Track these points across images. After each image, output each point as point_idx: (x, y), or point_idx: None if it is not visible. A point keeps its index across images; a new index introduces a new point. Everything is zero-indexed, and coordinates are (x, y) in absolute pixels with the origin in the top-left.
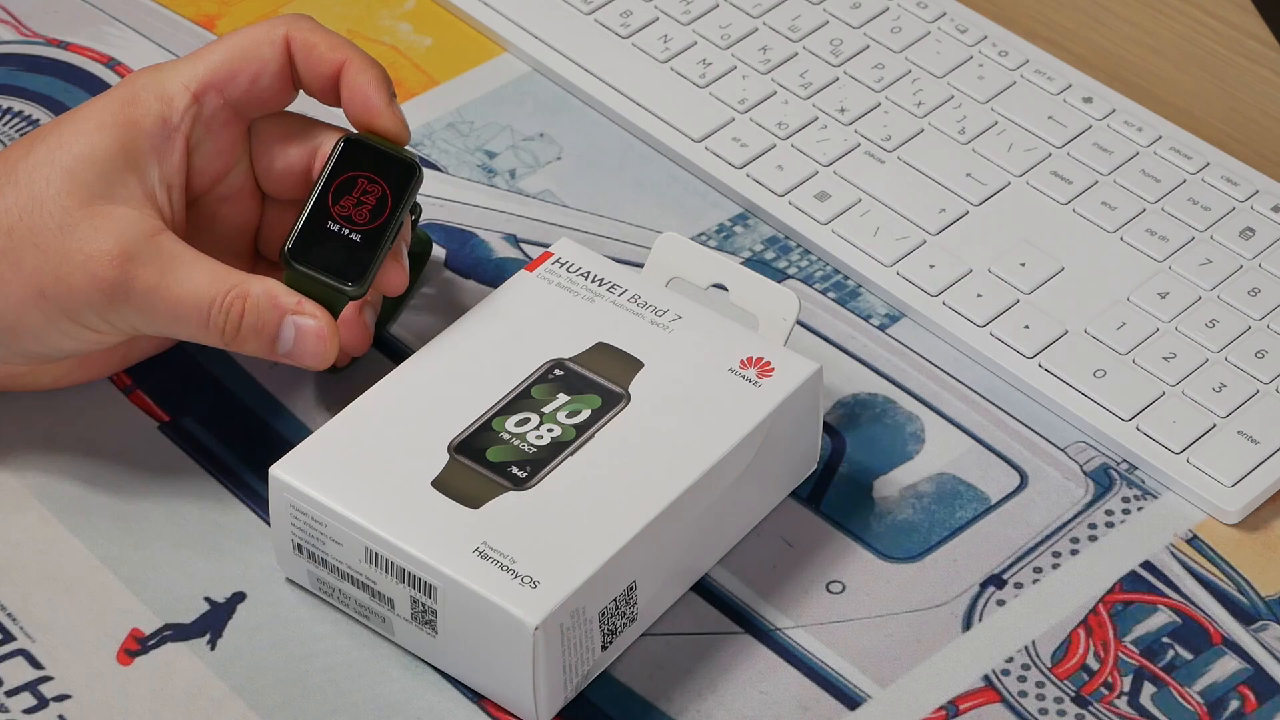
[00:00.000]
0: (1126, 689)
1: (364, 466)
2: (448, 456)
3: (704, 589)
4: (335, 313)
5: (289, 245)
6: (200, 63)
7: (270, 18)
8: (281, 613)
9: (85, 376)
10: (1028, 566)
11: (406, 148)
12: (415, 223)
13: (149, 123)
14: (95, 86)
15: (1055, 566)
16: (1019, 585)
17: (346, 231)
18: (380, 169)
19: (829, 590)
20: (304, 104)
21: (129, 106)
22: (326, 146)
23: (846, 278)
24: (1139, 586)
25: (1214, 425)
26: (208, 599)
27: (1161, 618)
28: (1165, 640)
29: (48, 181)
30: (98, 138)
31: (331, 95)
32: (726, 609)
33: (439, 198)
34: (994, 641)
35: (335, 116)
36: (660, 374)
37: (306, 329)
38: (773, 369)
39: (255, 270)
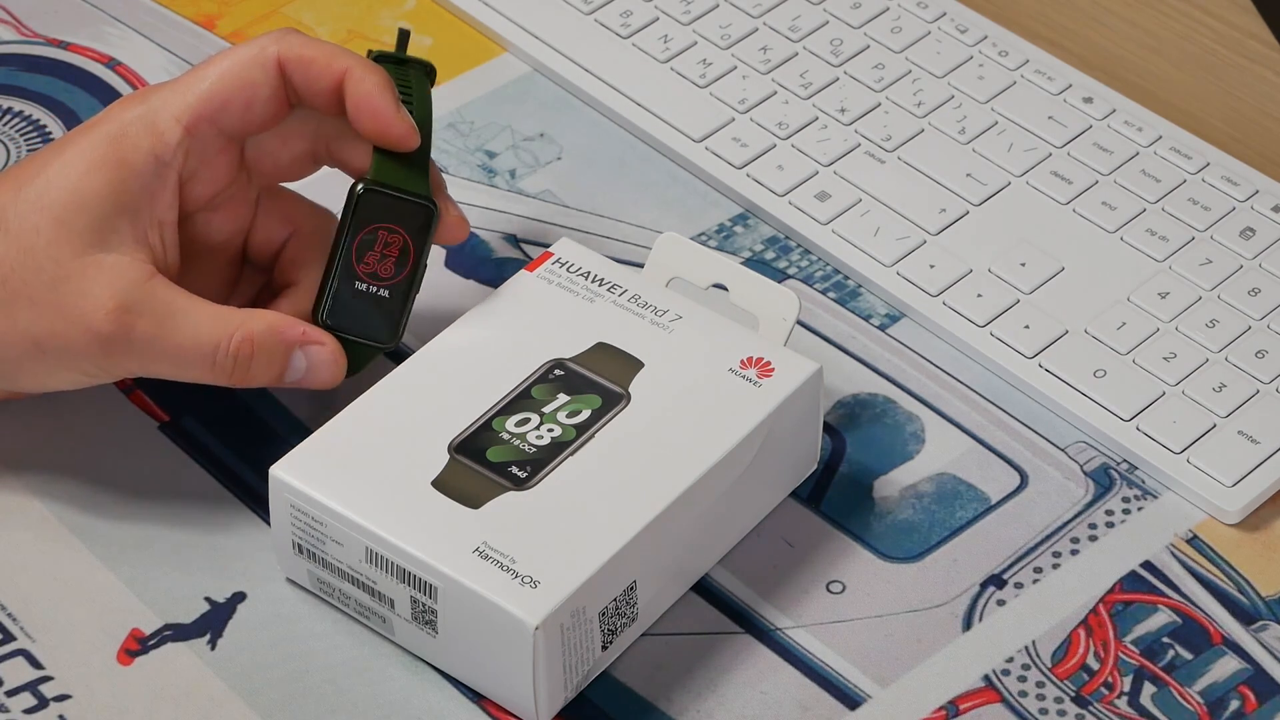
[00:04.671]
0: (1126, 689)
1: (364, 466)
2: (448, 456)
3: (704, 589)
4: (372, 360)
5: (324, 313)
6: (190, 92)
7: (258, 36)
8: (281, 613)
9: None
10: (1028, 566)
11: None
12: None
13: (140, 161)
14: (95, 86)
15: (1055, 566)
16: (1019, 585)
17: (375, 289)
18: (398, 217)
19: (829, 590)
20: None
21: (119, 144)
22: (324, 126)
23: (846, 278)
24: (1139, 586)
25: (1214, 425)
26: (208, 599)
27: (1161, 618)
28: (1165, 640)
29: (38, 231)
30: (88, 180)
31: (334, 106)
32: (726, 609)
33: None
34: (994, 641)
35: None
36: (660, 374)
37: (316, 357)
38: (773, 369)
39: (244, 270)
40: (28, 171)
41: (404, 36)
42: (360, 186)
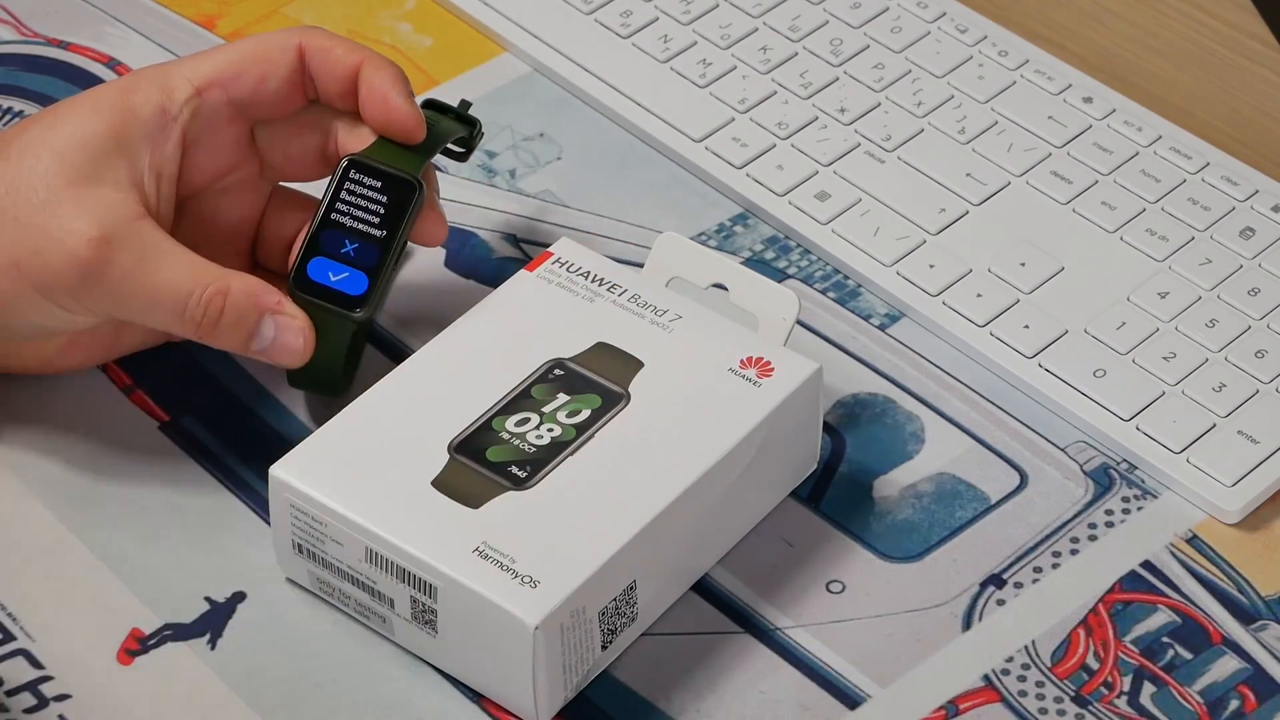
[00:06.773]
0: (1126, 689)
1: (364, 466)
2: (448, 456)
3: (704, 589)
4: (342, 338)
5: (293, 273)
6: (207, 60)
7: (284, 28)
8: (281, 613)
9: (72, 363)
10: (1028, 566)
11: (415, 152)
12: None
13: (146, 110)
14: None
15: (1055, 566)
16: (1019, 585)
17: None
18: (382, 189)
19: (829, 590)
20: None
21: (128, 93)
22: (339, 127)
23: (846, 278)
24: (1139, 586)
25: (1214, 425)
26: (208, 599)
27: (1161, 617)
28: (1165, 640)
29: (37, 159)
30: (92, 121)
31: (349, 98)
32: (726, 609)
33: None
34: (994, 641)
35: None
36: (660, 374)
37: (287, 326)
38: (773, 369)
39: (251, 273)
40: (39, 114)
41: (463, 105)
42: (346, 159)
